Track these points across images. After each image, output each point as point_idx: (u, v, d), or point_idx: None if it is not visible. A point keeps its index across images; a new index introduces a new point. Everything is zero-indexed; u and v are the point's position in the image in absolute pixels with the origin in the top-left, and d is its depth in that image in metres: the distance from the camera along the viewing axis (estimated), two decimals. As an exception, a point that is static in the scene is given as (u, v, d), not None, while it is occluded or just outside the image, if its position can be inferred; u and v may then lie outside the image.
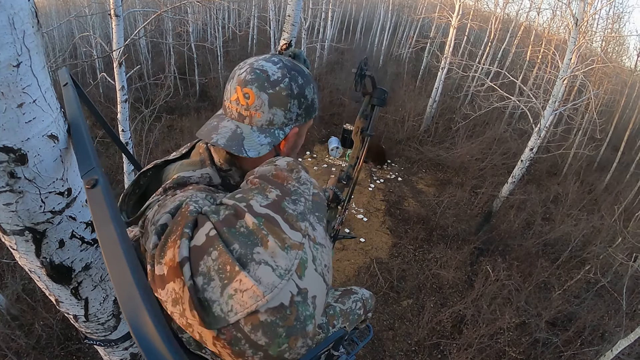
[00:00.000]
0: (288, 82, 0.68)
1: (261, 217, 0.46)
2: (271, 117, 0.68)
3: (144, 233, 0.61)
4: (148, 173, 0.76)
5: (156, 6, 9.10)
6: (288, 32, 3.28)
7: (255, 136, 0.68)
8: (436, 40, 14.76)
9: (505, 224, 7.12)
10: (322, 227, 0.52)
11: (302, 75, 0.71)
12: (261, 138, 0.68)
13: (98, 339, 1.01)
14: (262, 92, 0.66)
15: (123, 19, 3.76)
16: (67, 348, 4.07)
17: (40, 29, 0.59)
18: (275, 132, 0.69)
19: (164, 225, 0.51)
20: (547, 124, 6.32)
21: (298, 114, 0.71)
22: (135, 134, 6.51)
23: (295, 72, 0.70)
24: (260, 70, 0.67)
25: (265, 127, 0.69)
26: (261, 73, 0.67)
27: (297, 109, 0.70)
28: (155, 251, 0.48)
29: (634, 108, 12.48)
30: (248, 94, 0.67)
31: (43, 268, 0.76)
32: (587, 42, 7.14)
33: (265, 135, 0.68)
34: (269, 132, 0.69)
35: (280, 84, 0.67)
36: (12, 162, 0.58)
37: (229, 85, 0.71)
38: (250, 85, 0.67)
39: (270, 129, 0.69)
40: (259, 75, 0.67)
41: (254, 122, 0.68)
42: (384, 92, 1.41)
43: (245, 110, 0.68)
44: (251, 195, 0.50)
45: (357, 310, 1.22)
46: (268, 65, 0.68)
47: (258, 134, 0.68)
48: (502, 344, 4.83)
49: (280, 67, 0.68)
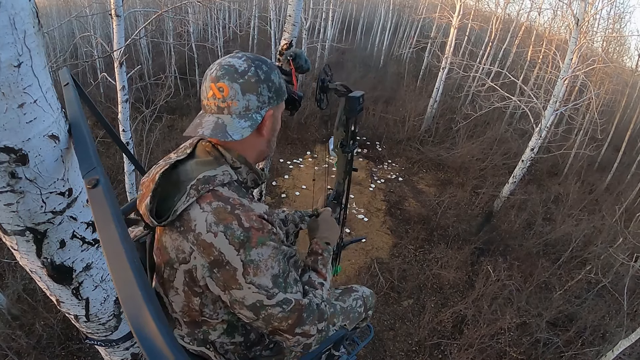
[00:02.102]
0: (255, 70, 0.76)
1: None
2: (246, 103, 0.76)
3: (183, 231, 0.72)
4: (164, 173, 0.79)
5: (157, 6, 9.09)
6: (289, 32, 3.28)
7: (236, 122, 0.76)
8: (437, 40, 14.73)
9: (506, 224, 7.11)
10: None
11: (266, 64, 0.79)
12: (241, 122, 0.76)
13: (99, 339, 1.01)
14: (233, 82, 0.75)
15: (124, 19, 3.76)
16: (68, 348, 4.07)
17: (41, 29, 0.59)
18: (253, 116, 0.78)
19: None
20: (548, 124, 6.32)
21: (270, 97, 0.79)
22: (136, 134, 6.50)
23: (259, 62, 0.78)
24: (228, 65, 0.75)
25: (243, 113, 0.77)
26: (229, 67, 0.75)
27: (268, 92, 0.78)
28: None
29: (635, 108, 12.44)
30: (222, 87, 0.75)
31: (44, 268, 0.76)
32: (588, 42, 7.13)
33: (244, 120, 0.77)
34: (247, 116, 0.77)
35: (248, 72, 0.75)
36: (13, 163, 0.58)
37: (203, 86, 0.79)
38: (222, 80, 0.75)
39: (248, 113, 0.77)
40: (228, 70, 0.75)
41: (232, 111, 0.76)
42: (357, 99, 1.23)
43: (222, 102, 0.76)
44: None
45: (357, 308, 1.22)
46: (234, 60, 0.77)
47: (238, 120, 0.76)
48: (503, 344, 4.82)
49: (244, 59, 0.77)
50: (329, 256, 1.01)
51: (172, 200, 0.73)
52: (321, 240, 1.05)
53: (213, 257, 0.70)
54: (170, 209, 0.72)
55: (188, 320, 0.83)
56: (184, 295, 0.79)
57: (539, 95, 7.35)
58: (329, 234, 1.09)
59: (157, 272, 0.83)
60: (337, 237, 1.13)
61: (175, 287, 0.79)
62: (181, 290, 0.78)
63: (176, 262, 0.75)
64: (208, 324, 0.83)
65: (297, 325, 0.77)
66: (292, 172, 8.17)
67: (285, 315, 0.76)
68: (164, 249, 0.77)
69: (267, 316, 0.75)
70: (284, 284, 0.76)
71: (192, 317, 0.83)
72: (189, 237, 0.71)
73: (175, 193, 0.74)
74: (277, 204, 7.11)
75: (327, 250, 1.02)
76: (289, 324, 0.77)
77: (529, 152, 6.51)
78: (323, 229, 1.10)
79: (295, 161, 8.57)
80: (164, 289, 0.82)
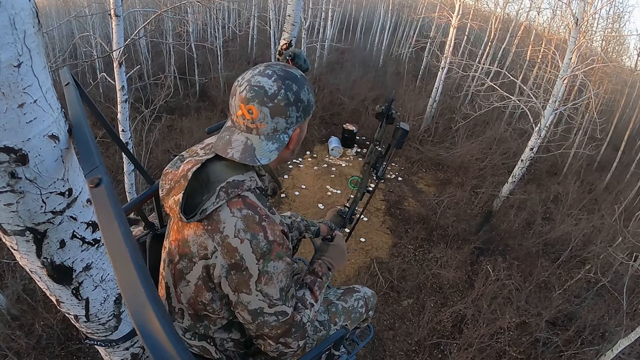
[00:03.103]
0: (284, 93, 0.76)
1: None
2: (275, 126, 0.78)
3: (210, 230, 0.75)
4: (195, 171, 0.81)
5: (156, 6, 9.08)
6: (288, 32, 3.28)
7: (264, 144, 0.78)
8: (436, 40, 14.72)
9: (505, 224, 7.11)
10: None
11: (295, 81, 0.78)
12: (269, 145, 0.78)
13: (99, 339, 1.01)
14: (263, 106, 0.76)
15: (123, 19, 3.76)
16: (67, 348, 4.06)
17: (41, 29, 0.59)
18: (280, 137, 0.79)
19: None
20: (547, 123, 6.32)
21: (297, 117, 0.80)
22: (136, 134, 6.50)
23: (289, 81, 0.77)
24: (258, 87, 0.75)
25: (271, 134, 0.79)
26: (259, 89, 0.75)
27: (296, 112, 0.79)
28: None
29: (634, 107, 12.45)
30: (251, 110, 0.76)
31: (44, 268, 0.76)
32: (588, 42, 7.14)
33: (272, 142, 0.79)
34: (275, 138, 0.79)
35: (278, 96, 0.76)
36: (12, 163, 0.58)
37: (232, 101, 0.80)
38: (252, 102, 0.76)
39: (276, 135, 0.79)
40: (258, 92, 0.75)
41: (261, 132, 0.78)
42: (406, 132, 1.29)
43: (252, 123, 0.78)
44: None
45: (359, 309, 1.23)
46: (264, 80, 0.76)
47: (266, 142, 0.78)
48: (503, 343, 4.83)
49: (274, 79, 0.76)
50: (326, 280, 1.07)
51: (199, 198, 0.77)
52: (325, 264, 1.10)
53: (234, 261, 0.75)
54: (198, 207, 0.76)
55: (192, 313, 0.87)
56: (195, 288, 0.82)
57: (539, 94, 7.35)
58: (335, 261, 1.14)
59: (170, 262, 0.86)
60: (343, 265, 1.18)
61: (188, 279, 0.82)
62: (194, 283, 0.82)
63: (196, 257, 0.79)
64: (209, 318, 0.87)
65: (282, 336, 0.84)
66: (292, 172, 8.17)
67: (278, 325, 0.82)
68: (185, 242, 0.80)
69: (262, 323, 0.81)
70: (285, 297, 0.82)
71: (196, 310, 0.86)
72: (215, 237, 0.76)
73: (204, 191, 0.78)
74: (276, 203, 7.11)
75: (327, 275, 1.08)
76: (277, 333, 0.83)
77: (528, 151, 6.51)
78: (331, 254, 1.15)
79: (294, 161, 8.57)
80: (174, 279, 0.85)
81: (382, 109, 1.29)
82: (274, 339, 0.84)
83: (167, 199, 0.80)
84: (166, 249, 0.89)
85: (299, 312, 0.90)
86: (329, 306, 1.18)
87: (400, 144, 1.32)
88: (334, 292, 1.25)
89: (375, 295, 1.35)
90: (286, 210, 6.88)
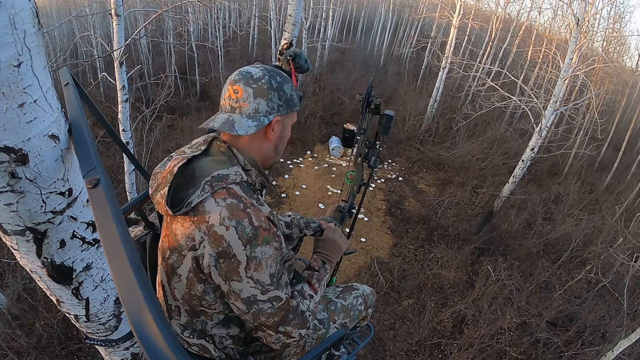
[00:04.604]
0: (268, 79, 0.85)
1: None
2: (256, 106, 0.85)
3: (196, 221, 0.77)
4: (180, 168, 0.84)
5: (157, 6, 9.08)
6: (289, 32, 3.28)
7: (244, 120, 0.84)
8: (437, 40, 14.71)
9: (506, 224, 7.11)
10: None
11: (280, 75, 0.88)
12: (249, 122, 0.84)
13: (99, 339, 1.01)
14: (247, 86, 0.84)
15: (124, 18, 3.76)
16: (67, 348, 4.07)
17: (41, 29, 0.58)
18: (260, 118, 0.85)
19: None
20: (548, 123, 6.31)
21: (279, 105, 0.87)
22: (136, 134, 6.50)
23: (274, 73, 0.87)
24: (246, 72, 0.86)
25: (252, 114, 0.85)
26: (247, 73, 0.85)
27: (278, 100, 0.86)
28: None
29: (635, 108, 12.43)
30: (237, 90, 0.85)
31: (44, 268, 0.76)
32: (588, 42, 7.13)
33: (252, 120, 0.85)
34: (255, 118, 0.85)
35: (262, 79, 0.84)
36: (13, 162, 0.58)
37: (223, 89, 0.89)
38: (238, 83, 0.85)
39: (256, 115, 0.85)
40: (245, 75, 0.85)
41: (243, 112, 0.85)
42: (391, 118, 1.31)
43: (236, 102, 0.85)
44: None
45: (358, 306, 1.24)
46: (252, 68, 0.87)
47: (246, 119, 0.84)
48: (503, 344, 4.83)
49: (261, 69, 0.86)
50: (325, 273, 1.06)
51: (185, 192, 0.79)
52: (320, 258, 1.11)
53: (221, 249, 0.75)
54: (184, 201, 0.77)
55: (188, 309, 0.87)
56: (187, 282, 0.83)
57: (539, 95, 7.33)
58: (329, 253, 1.14)
59: (162, 259, 0.87)
60: (339, 254, 1.16)
61: (179, 274, 0.83)
62: (185, 276, 0.83)
63: (185, 249, 0.80)
64: (206, 314, 0.87)
65: (281, 323, 0.83)
66: (292, 172, 8.17)
67: (273, 312, 0.82)
68: (173, 236, 0.81)
69: (257, 311, 0.81)
70: (277, 283, 0.82)
71: (191, 306, 0.86)
72: (201, 227, 0.76)
73: (190, 186, 0.80)
74: (277, 203, 7.12)
75: (324, 268, 1.07)
76: (274, 321, 0.83)
77: (529, 151, 6.50)
78: (323, 248, 1.16)
79: (295, 161, 8.57)
80: (167, 276, 0.86)
81: (362, 97, 1.29)
82: (273, 328, 0.83)
83: (155, 194, 0.83)
84: (160, 247, 0.90)
85: (294, 298, 0.90)
86: (328, 304, 1.18)
87: (387, 129, 1.33)
88: (332, 290, 1.26)
89: (374, 293, 1.36)
90: (287, 210, 6.89)
